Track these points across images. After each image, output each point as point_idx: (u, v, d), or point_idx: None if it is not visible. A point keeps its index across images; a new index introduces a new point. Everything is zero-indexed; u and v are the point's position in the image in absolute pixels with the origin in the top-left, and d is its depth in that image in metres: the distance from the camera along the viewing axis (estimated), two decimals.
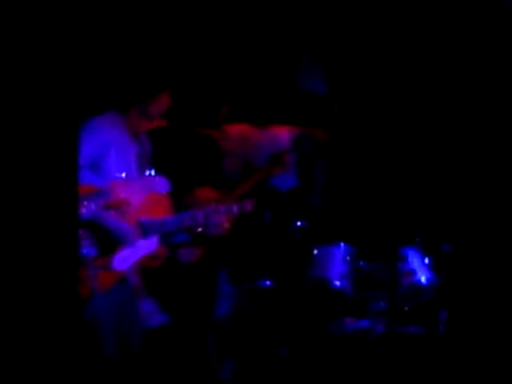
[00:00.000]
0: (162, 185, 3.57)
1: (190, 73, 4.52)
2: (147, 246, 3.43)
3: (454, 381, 3.72)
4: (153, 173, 3.58)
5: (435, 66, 4.38)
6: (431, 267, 4.16)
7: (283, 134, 4.81)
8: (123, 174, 3.48)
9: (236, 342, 4.06)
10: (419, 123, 4.53)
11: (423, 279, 4.12)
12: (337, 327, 4.06)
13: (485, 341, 3.89)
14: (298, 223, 4.35)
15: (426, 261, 4.17)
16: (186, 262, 3.98)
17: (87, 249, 3.24)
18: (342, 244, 4.22)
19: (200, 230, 3.56)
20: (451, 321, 3.97)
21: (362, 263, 4.20)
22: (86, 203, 3.27)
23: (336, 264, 4.16)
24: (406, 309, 4.12)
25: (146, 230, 3.41)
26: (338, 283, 4.11)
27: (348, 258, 4.19)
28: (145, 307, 3.89)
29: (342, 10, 4.52)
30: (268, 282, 4.21)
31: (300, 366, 3.93)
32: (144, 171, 3.64)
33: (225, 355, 3.97)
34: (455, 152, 4.17)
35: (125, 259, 3.36)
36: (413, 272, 4.13)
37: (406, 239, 4.23)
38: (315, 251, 4.19)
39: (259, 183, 4.39)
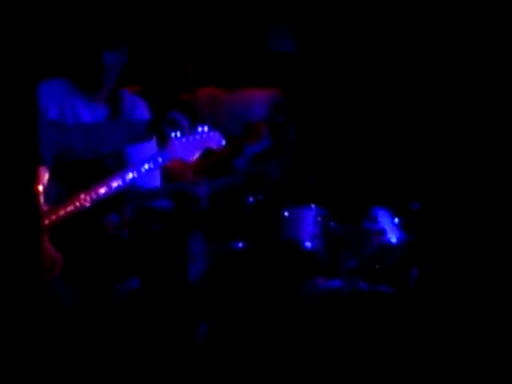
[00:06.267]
0: (217, 140, 3.48)
1: (153, 32, 4.47)
2: None
3: (424, 336, 3.80)
4: (206, 129, 3.46)
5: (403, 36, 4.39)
6: (401, 227, 4.21)
7: (255, 96, 4.81)
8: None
9: (209, 303, 4.10)
10: (386, 86, 4.55)
11: (393, 239, 4.17)
12: (309, 287, 4.11)
13: (454, 297, 3.96)
14: (269, 186, 4.38)
15: (396, 220, 4.22)
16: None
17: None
18: (312, 206, 4.26)
19: None
20: (421, 278, 4.04)
21: (332, 224, 4.23)
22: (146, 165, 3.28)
23: (307, 225, 4.19)
24: (377, 267, 4.17)
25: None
26: (309, 244, 4.15)
27: (319, 219, 4.22)
28: None
29: None
30: (240, 244, 4.25)
31: (273, 326, 3.99)
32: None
33: (198, 317, 4.01)
34: (421, 110, 4.20)
35: None
36: (383, 232, 4.18)
37: (375, 200, 4.28)
38: (286, 213, 4.22)
39: (234, 151, 4.38)
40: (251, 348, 3.88)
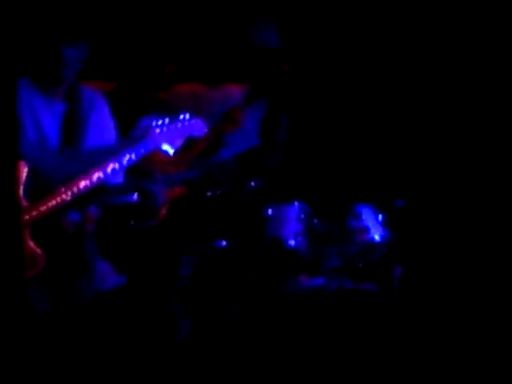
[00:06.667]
0: (200, 128, 3.42)
1: (131, 28, 4.43)
2: None
3: (408, 334, 3.79)
4: (188, 116, 3.40)
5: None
6: (385, 224, 4.20)
7: (236, 92, 4.78)
8: None
9: (191, 301, 4.08)
10: (372, 82, 4.54)
11: (377, 237, 4.16)
12: (292, 285, 4.10)
13: (437, 295, 3.96)
14: (253, 183, 4.35)
15: (380, 218, 4.20)
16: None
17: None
18: (296, 203, 4.24)
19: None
20: (405, 276, 4.03)
21: (316, 222, 4.22)
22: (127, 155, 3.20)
23: (290, 223, 4.18)
24: (361, 265, 4.16)
25: None
26: (292, 242, 4.13)
27: (302, 216, 4.20)
28: (100, 269, 3.87)
29: None
30: (223, 242, 4.22)
31: (256, 324, 3.97)
32: None
33: (183, 314, 3.99)
34: (406, 106, 4.19)
35: None
36: (366, 229, 4.16)
37: (359, 197, 4.27)
38: (269, 211, 4.20)
39: (213, 142, 4.35)
40: (234, 346, 3.86)
